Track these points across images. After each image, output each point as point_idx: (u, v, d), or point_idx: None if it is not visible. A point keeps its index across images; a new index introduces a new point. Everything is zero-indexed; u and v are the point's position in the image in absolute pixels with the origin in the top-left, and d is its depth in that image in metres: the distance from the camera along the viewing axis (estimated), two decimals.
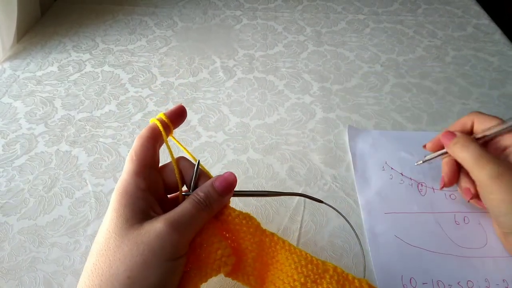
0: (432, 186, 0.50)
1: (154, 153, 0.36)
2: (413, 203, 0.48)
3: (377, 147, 0.56)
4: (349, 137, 0.58)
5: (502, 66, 0.73)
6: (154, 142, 0.36)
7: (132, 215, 0.30)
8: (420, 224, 0.46)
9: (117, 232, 0.29)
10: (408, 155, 0.54)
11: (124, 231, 0.29)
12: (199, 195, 0.33)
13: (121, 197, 0.31)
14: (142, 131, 0.36)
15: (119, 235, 0.29)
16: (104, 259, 0.29)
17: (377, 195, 0.49)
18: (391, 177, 0.52)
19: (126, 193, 0.31)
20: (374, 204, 0.49)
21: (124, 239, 0.29)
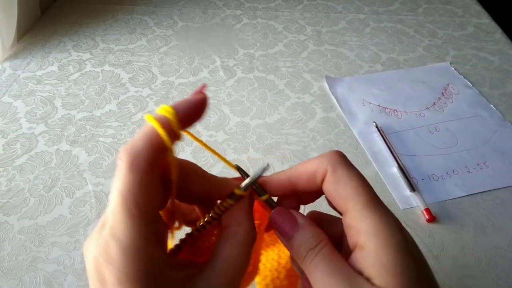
0: (405, 110, 0.64)
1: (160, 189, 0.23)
2: (395, 125, 0.62)
3: (353, 90, 0.68)
4: (328, 86, 0.68)
5: (503, 65, 0.73)
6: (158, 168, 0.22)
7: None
8: (405, 139, 0.59)
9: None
10: (379, 91, 0.68)
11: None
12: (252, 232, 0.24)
13: (150, 283, 0.20)
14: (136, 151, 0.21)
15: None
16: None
17: (365, 124, 0.62)
18: (371, 109, 0.64)
19: (155, 277, 0.20)
20: (366, 131, 0.60)
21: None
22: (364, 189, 0.23)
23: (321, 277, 0.23)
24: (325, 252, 0.23)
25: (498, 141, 0.58)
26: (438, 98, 0.66)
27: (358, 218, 0.23)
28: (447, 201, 0.51)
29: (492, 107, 0.64)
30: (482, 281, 0.44)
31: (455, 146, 0.58)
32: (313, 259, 0.24)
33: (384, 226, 0.22)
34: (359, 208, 0.23)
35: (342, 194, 0.24)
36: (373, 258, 0.21)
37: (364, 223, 0.22)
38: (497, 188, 0.52)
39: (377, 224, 0.22)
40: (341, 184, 0.24)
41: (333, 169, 0.24)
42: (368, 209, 0.23)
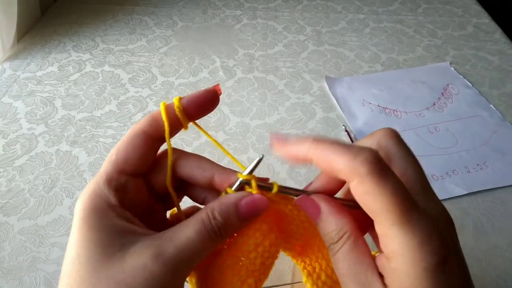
0: (404, 110, 0.64)
1: (145, 154, 0.26)
2: (395, 125, 0.59)
3: (353, 90, 0.68)
4: (328, 86, 0.68)
5: (503, 65, 0.73)
6: (149, 139, 0.26)
7: (109, 241, 0.22)
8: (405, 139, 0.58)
9: (91, 265, 0.22)
10: (379, 91, 0.68)
11: (100, 263, 0.22)
12: (214, 220, 0.24)
13: (90, 216, 0.23)
14: (140, 121, 0.26)
15: (94, 269, 0.22)
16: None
17: (365, 125, 0.62)
18: (371, 110, 0.64)
19: (96, 211, 0.23)
20: (366, 131, 0.60)
21: (101, 275, 0.22)
22: (395, 206, 0.21)
23: (341, 274, 0.23)
24: (346, 249, 0.23)
25: (498, 141, 0.58)
26: (438, 98, 0.66)
27: (388, 233, 0.21)
28: (447, 201, 0.51)
29: (492, 107, 0.64)
30: (482, 281, 0.44)
31: (455, 146, 0.58)
32: (334, 253, 0.23)
33: (414, 248, 0.20)
34: (389, 224, 0.21)
35: (371, 208, 0.22)
36: (398, 276, 0.21)
37: (394, 240, 0.21)
38: (497, 188, 0.52)
39: (407, 245, 0.20)
40: (370, 197, 0.21)
41: (361, 180, 0.21)
42: (399, 226, 0.21)
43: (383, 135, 0.25)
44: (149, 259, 0.22)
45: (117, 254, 0.22)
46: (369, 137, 0.25)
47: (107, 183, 0.24)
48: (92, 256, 0.22)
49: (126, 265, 0.22)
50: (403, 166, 0.24)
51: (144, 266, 0.21)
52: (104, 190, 0.24)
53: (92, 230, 0.23)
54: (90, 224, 0.23)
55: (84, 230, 0.23)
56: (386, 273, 0.22)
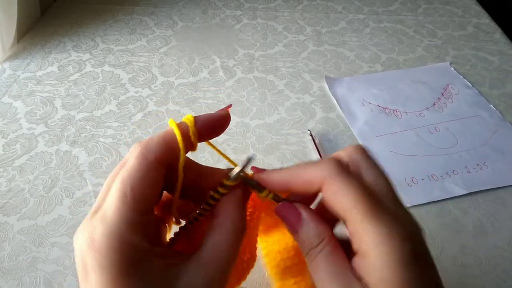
0: (404, 110, 0.64)
1: (161, 187, 0.23)
2: (395, 125, 0.61)
3: (353, 90, 0.68)
4: (328, 86, 0.68)
5: (503, 65, 0.73)
6: (162, 168, 0.23)
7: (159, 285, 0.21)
8: (405, 139, 0.59)
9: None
10: (379, 91, 0.68)
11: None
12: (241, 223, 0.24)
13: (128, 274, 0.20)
14: (150, 146, 0.23)
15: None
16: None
17: (365, 125, 0.62)
18: (371, 109, 0.64)
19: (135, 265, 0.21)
20: (366, 131, 0.60)
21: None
22: (364, 199, 0.22)
23: (320, 278, 0.23)
24: (326, 252, 0.24)
25: (498, 141, 0.58)
26: (438, 98, 0.66)
27: (359, 229, 0.22)
28: (447, 201, 0.51)
29: (491, 107, 0.64)
30: (482, 281, 0.44)
31: (455, 146, 0.58)
32: (314, 258, 0.24)
33: (386, 238, 0.21)
34: (359, 218, 0.22)
35: (341, 205, 0.23)
36: (373, 270, 0.21)
37: (365, 234, 0.22)
38: (497, 188, 0.52)
39: (378, 236, 0.21)
40: (339, 195, 0.23)
41: (330, 180, 0.23)
42: (368, 219, 0.22)
43: (353, 149, 0.26)
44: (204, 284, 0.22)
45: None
46: (340, 152, 0.26)
47: (133, 230, 0.21)
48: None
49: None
50: (372, 178, 0.24)
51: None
52: (132, 237, 0.21)
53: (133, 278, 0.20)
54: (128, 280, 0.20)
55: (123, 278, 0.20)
56: (363, 272, 0.22)
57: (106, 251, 0.20)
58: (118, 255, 0.20)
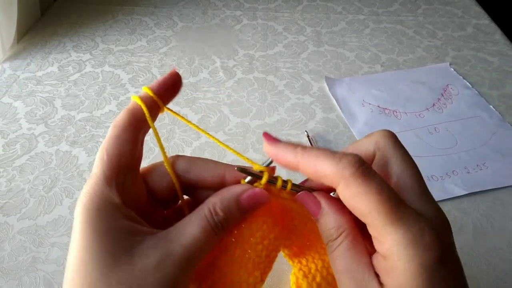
0: (404, 111, 0.64)
1: (134, 148, 0.26)
2: (395, 126, 0.62)
3: (353, 90, 0.68)
4: (328, 87, 0.68)
5: (502, 66, 0.73)
6: (134, 131, 0.26)
7: (115, 244, 0.22)
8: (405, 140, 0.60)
9: (98, 269, 0.21)
10: (379, 91, 0.68)
11: (108, 268, 0.21)
12: (217, 215, 0.24)
13: (94, 219, 0.22)
14: (118, 117, 0.26)
15: (102, 274, 0.21)
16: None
17: (365, 125, 0.62)
18: (371, 110, 0.64)
19: (100, 213, 0.23)
20: (366, 132, 0.60)
21: (110, 280, 0.21)
22: (384, 204, 0.21)
23: (338, 271, 0.23)
24: (344, 246, 0.23)
25: (498, 142, 0.59)
26: (438, 99, 0.66)
27: (380, 233, 0.21)
28: (446, 202, 0.51)
29: (491, 108, 0.64)
30: (482, 282, 0.44)
31: (455, 147, 0.58)
32: (332, 251, 0.24)
33: (408, 244, 0.20)
34: (381, 223, 0.21)
35: (360, 209, 0.22)
36: (395, 274, 0.21)
37: (386, 239, 0.21)
38: (496, 188, 0.52)
39: (401, 242, 0.20)
40: (357, 201, 0.22)
41: (346, 184, 0.22)
42: (390, 224, 0.21)
43: (381, 136, 0.25)
44: (158, 260, 0.22)
45: (124, 257, 0.22)
46: (367, 137, 0.26)
47: (107, 183, 0.24)
48: (99, 261, 0.21)
49: (135, 267, 0.21)
50: (400, 168, 0.24)
51: (154, 268, 0.21)
52: (105, 190, 0.23)
53: (97, 233, 0.22)
54: (94, 227, 0.22)
55: (88, 233, 0.22)
56: (382, 272, 0.22)
57: (83, 201, 0.23)
58: (89, 203, 0.23)
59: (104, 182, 0.24)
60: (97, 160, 0.25)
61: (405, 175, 0.24)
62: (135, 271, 0.21)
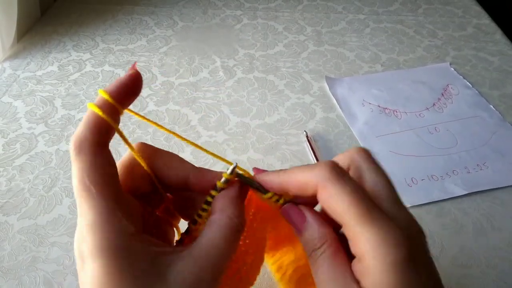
0: (404, 110, 0.64)
1: (113, 165, 0.24)
2: (395, 126, 0.61)
3: (353, 90, 0.68)
4: (328, 86, 0.68)
5: (503, 66, 0.73)
6: (105, 147, 0.24)
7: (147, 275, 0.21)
8: (405, 139, 0.59)
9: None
10: (379, 91, 0.68)
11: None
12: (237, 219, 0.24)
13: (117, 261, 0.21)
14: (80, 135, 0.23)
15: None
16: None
17: (365, 125, 0.61)
18: (371, 110, 0.64)
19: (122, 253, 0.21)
20: (366, 131, 0.60)
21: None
22: (358, 204, 0.22)
23: (320, 279, 0.24)
24: (327, 254, 0.24)
25: (498, 142, 0.59)
26: (438, 99, 0.66)
27: (353, 233, 0.22)
28: (447, 202, 0.51)
29: (491, 108, 0.64)
30: (482, 282, 0.44)
31: (455, 147, 0.58)
32: (316, 260, 0.24)
33: (381, 242, 0.21)
34: (353, 224, 0.22)
35: (336, 210, 0.23)
36: (368, 274, 0.21)
37: (360, 238, 0.22)
38: (496, 188, 0.52)
39: (372, 240, 0.21)
40: (333, 201, 0.23)
41: (323, 186, 0.23)
42: (362, 224, 0.22)
43: (356, 151, 0.26)
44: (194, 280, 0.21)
45: (158, 284, 0.21)
46: (342, 154, 0.27)
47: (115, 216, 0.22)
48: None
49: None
50: (373, 180, 0.25)
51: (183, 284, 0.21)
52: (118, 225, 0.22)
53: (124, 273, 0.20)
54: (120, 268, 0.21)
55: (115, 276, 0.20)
56: (359, 275, 0.22)
57: (93, 241, 0.21)
58: (104, 242, 0.21)
59: (110, 217, 0.22)
60: (84, 196, 0.22)
61: (379, 186, 0.24)
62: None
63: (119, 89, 0.25)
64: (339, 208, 0.23)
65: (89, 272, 0.21)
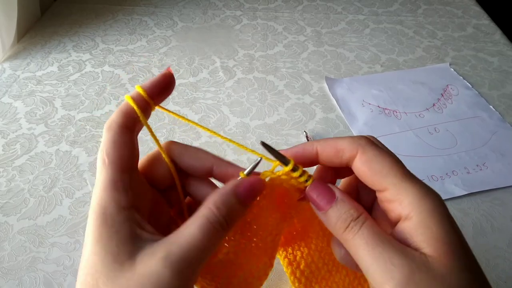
0: (404, 111, 0.64)
1: (132, 147, 0.26)
2: (394, 126, 0.62)
3: (353, 90, 0.68)
4: (328, 86, 0.68)
5: (502, 66, 0.73)
6: (130, 133, 0.26)
7: (119, 249, 0.23)
8: (405, 140, 0.60)
9: (105, 273, 0.22)
10: (378, 91, 0.68)
11: (114, 272, 0.22)
12: (219, 211, 0.24)
13: (101, 225, 0.23)
14: (112, 119, 0.26)
15: (108, 278, 0.22)
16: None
17: (365, 125, 0.62)
18: (371, 110, 0.64)
19: (106, 218, 0.23)
20: (365, 132, 0.60)
21: (114, 284, 0.22)
22: (398, 164, 0.24)
23: (370, 249, 0.23)
24: (370, 223, 0.24)
25: (498, 142, 0.59)
26: (438, 99, 0.66)
27: (399, 191, 0.23)
28: (447, 202, 0.51)
29: (491, 108, 0.64)
30: None
31: (455, 147, 0.58)
32: (357, 230, 0.24)
33: (427, 197, 0.23)
34: (399, 181, 0.23)
35: (377, 170, 0.24)
36: (422, 227, 0.22)
37: (407, 195, 0.23)
38: (496, 188, 0.52)
39: (420, 195, 0.23)
40: (374, 162, 0.25)
41: (363, 150, 0.25)
42: (408, 181, 0.23)
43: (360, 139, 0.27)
44: (157, 265, 0.22)
45: (127, 262, 0.22)
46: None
47: (113, 187, 0.24)
48: (106, 265, 0.22)
49: (135, 272, 0.22)
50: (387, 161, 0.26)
51: (152, 273, 0.22)
52: (112, 192, 0.24)
53: (103, 238, 0.23)
54: (101, 232, 0.23)
55: (96, 238, 0.23)
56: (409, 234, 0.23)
57: (92, 206, 0.24)
58: (97, 208, 0.24)
59: (111, 187, 0.24)
60: (99, 165, 0.25)
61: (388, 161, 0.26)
62: (135, 277, 0.22)
63: (153, 86, 0.27)
64: (383, 168, 0.24)
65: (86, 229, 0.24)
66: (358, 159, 0.25)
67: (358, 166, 0.25)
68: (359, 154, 0.25)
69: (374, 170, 0.24)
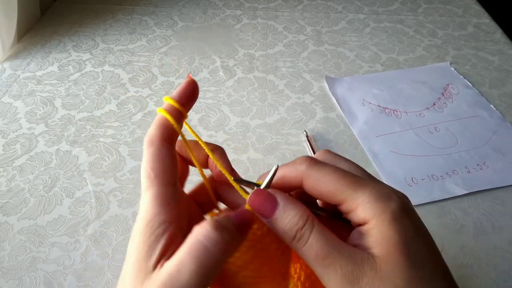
0: (404, 110, 0.64)
1: (175, 160, 0.26)
2: (395, 125, 0.62)
3: (353, 90, 0.68)
4: (328, 86, 0.68)
5: (503, 65, 0.73)
6: (170, 144, 0.26)
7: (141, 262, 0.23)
8: (405, 139, 0.60)
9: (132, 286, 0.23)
10: (379, 91, 0.68)
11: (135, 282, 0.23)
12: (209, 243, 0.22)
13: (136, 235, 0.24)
14: (151, 132, 0.26)
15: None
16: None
17: (365, 124, 0.62)
18: (371, 109, 0.64)
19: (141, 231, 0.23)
20: (366, 131, 0.60)
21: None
22: (346, 175, 0.24)
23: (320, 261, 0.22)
24: (318, 230, 0.23)
25: (498, 141, 0.58)
26: (438, 98, 0.66)
27: (353, 201, 0.23)
28: (447, 201, 0.51)
29: (492, 107, 0.64)
30: (482, 281, 0.44)
31: (455, 146, 0.58)
32: (305, 241, 0.23)
33: (376, 200, 0.23)
34: (351, 191, 0.23)
35: (326, 191, 0.24)
36: (374, 229, 0.22)
37: (360, 202, 0.23)
38: (497, 188, 0.52)
39: (369, 200, 0.23)
40: (320, 184, 0.24)
41: (306, 176, 0.25)
42: (359, 189, 0.23)
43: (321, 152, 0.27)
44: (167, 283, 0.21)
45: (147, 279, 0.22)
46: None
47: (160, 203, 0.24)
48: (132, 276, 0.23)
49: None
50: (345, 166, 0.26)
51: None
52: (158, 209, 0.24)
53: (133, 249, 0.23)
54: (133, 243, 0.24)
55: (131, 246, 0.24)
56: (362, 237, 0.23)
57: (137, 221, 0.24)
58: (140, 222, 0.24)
59: (157, 200, 0.24)
60: (144, 181, 0.25)
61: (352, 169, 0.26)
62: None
63: (181, 96, 0.27)
64: (330, 186, 0.24)
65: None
66: (305, 185, 0.25)
67: (310, 191, 0.25)
68: (303, 181, 0.25)
69: (322, 192, 0.24)
